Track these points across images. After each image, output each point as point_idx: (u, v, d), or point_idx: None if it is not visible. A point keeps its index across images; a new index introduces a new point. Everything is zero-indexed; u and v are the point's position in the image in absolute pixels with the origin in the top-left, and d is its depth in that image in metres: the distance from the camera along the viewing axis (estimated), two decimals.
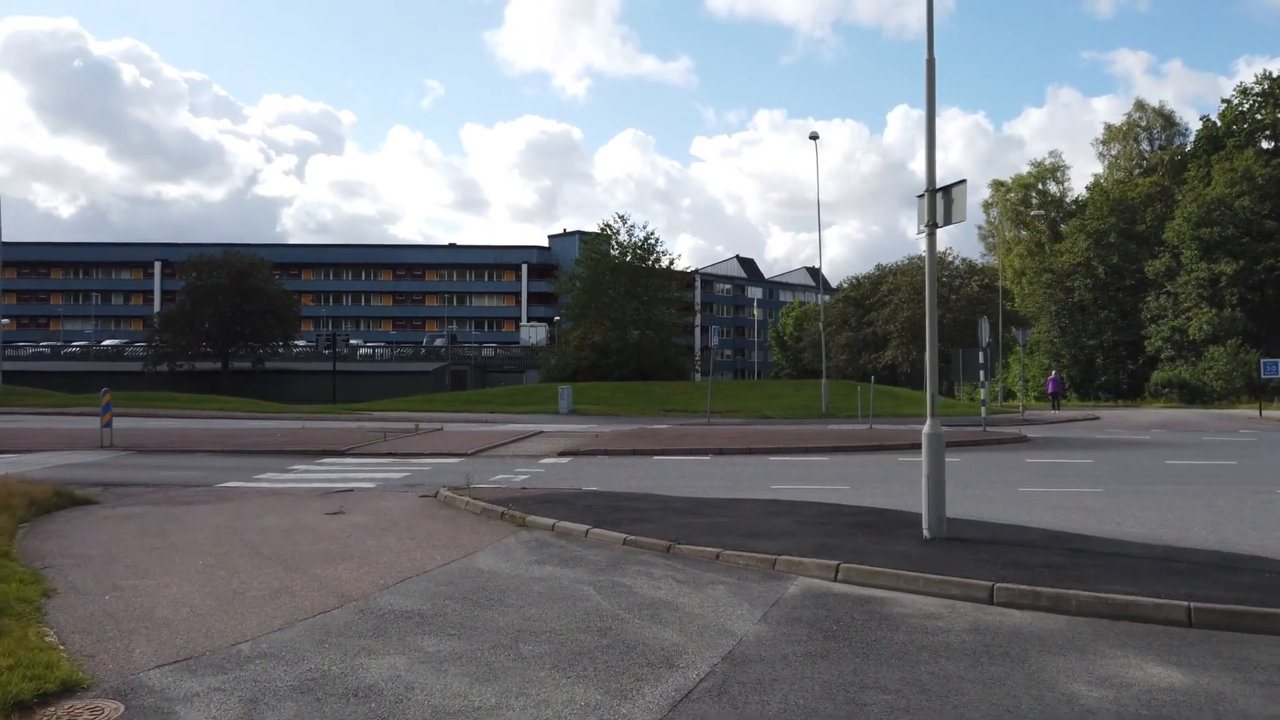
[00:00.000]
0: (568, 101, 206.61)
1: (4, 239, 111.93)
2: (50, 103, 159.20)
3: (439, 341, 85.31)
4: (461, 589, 6.87)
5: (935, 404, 8.31)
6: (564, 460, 17.93)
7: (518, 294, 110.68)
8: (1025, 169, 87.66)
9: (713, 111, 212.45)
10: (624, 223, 48.75)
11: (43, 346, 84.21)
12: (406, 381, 62.99)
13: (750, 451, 18.65)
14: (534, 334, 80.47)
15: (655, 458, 18.09)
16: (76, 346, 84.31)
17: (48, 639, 5.41)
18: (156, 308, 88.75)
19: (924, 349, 33.61)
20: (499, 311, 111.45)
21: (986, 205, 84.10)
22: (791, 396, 37.60)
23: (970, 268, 60.61)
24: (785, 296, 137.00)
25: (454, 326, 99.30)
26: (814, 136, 32.49)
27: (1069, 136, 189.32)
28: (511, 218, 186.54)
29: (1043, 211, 68.52)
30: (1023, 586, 6.31)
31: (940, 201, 8.24)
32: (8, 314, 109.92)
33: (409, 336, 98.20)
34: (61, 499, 11.79)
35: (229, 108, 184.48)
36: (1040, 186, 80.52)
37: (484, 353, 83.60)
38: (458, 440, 21.64)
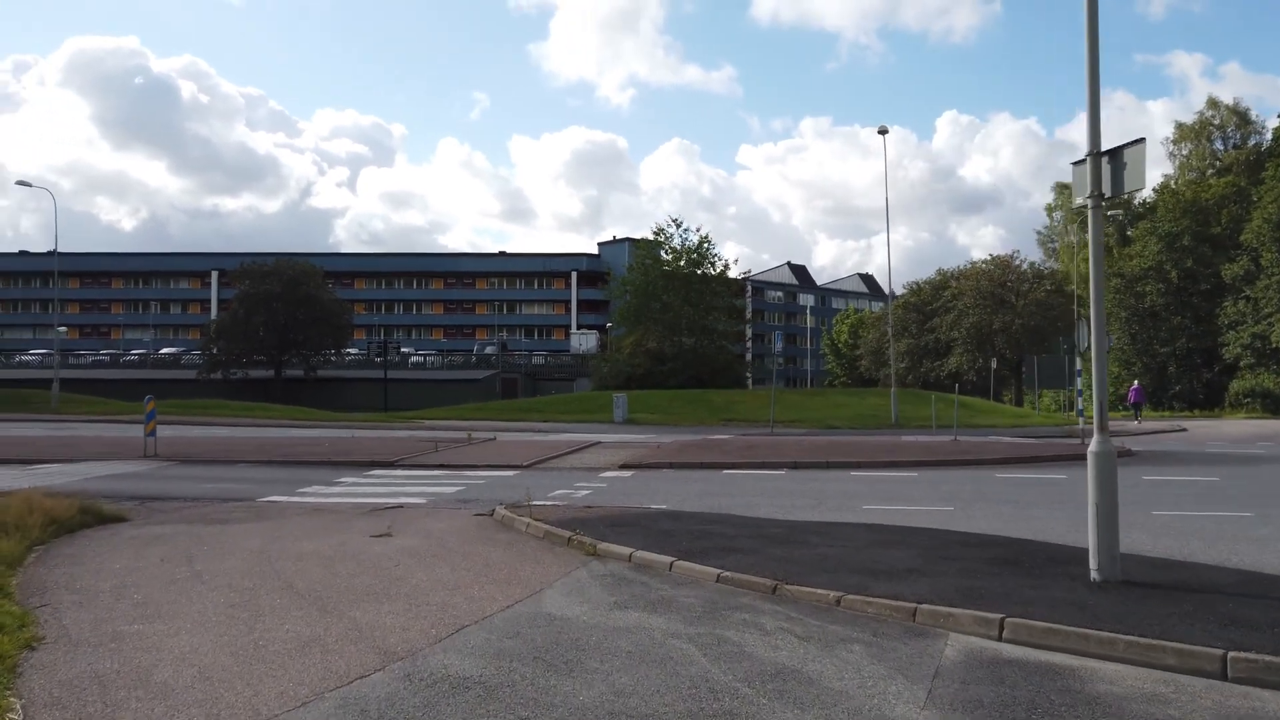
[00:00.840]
0: (611, 112, 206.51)
1: (68, 250, 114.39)
2: (112, 119, 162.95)
3: (489, 349, 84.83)
4: (531, 644, 5.56)
5: (1104, 416, 6.80)
6: (627, 474, 16.62)
7: (567, 301, 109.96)
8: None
9: (757, 120, 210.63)
10: (677, 227, 47.45)
11: (102, 355, 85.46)
12: (457, 389, 62.37)
13: (828, 465, 17.14)
14: (585, 341, 79.50)
15: (725, 472, 16.68)
16: (135, 354, 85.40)
17: (10, 716, 4.21)
18: (213, 316, 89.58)
19: (990, 356, 31.45)
20: (548, 319, 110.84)
21: (1050, 208, 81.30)
22: (856, 405, 35.89)
23: (1037, 272, 58.03)
24: (838, 304, 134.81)
25: (504, 334, 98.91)
26: (883, 131, 30.84)
27: (1124, 140, 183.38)
28: (558, 227, 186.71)
29: (1119, 212, 65.66)
30: (1269, 658, 4.80)
31: (1107, 167, 6.75)
32: (70, 323, 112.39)
33: (459, 345, 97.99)
34: (87, 516, 10.77)
35: (284, 122, 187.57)
36: None
37: (534, 360, 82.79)
38: (512, 451, 20.48)
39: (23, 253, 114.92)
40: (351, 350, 75.55)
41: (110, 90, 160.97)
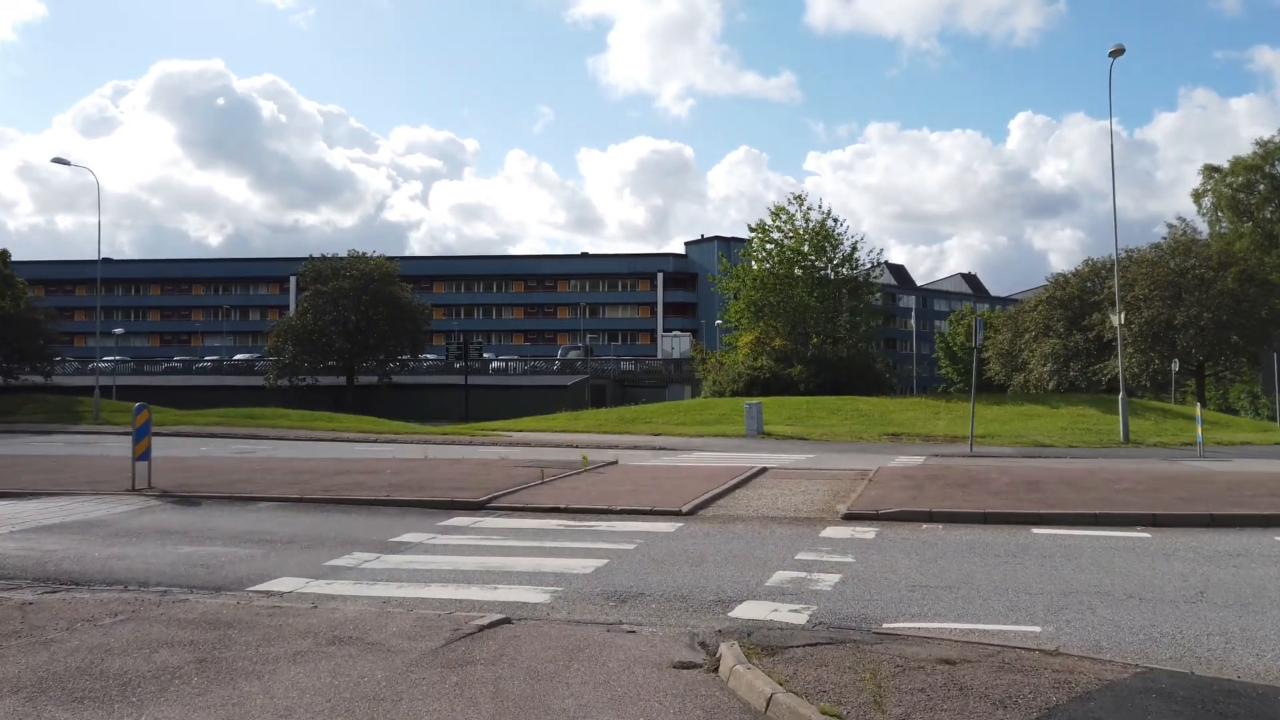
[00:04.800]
0: (671, 122, 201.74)
1: (150, 258, 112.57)
2: (195, 139, 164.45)
3: (572, 354, 78.96)
4: None
5: None
6: (866, 532, 9.97)
7: (653, 304, 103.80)
8: (1246, 150, 74.54)
9: (822, 126, 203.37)
10: (800, 204, 40.41)
11: (175, 362, 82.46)
12: (543, 396, 56.51)
13: (1211, 521, 10.15)
14: (677, 345, 72.97)
15: (1038, 531, 9.90)
16: (208, 361, 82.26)
17: None
18: None
19: (1168, 357, 23.16)
20: (633, 323, 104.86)
21: (1197, 195, 71.63)
22: (1051, 417, 28.49)
23: (1226, 257, 48.98)
24: (940, 305, 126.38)
25: (588, 339, 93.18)
26: (1116, 53, 23.12)
27: (1207, 140, 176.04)
28: (624, 237, 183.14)
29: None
30: None
31: None
32: (152, 330, 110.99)
33: (541, 350, 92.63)
34: None
35: (363, 138, 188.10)
36: (1267, 169, 67.79)
37: (622, 366, 76.59)
38: (649, 482, 14.02)
39: (105, 260, 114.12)
40: (429, 356, 70.51)
41: (193, 111, 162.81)
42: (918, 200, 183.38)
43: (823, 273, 40.00)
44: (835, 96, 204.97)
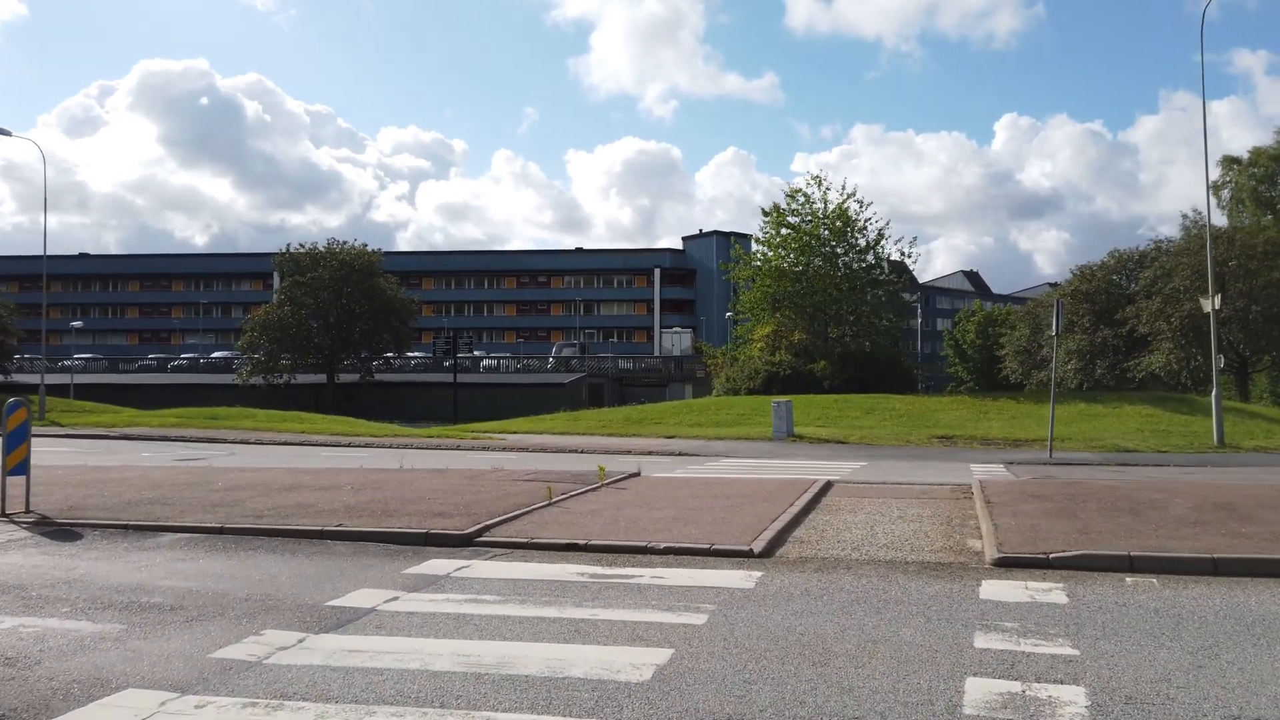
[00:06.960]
0: (655, 124, 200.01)
1: (133, 254, 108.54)
2: (177, 139, 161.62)
3: (566, 351, 75.53)
4: None
5: None
6: (1049, 592, 6.64)
7: (649, 301, 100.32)
8: (1270, 140, 71.60)
9: (807, 128, 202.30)
10: (819, 186, 36.99)
11: (149, 359, 78.70)
12: (537, 396, 53.10)
13: None
14: (678, 341, 69.69)
15: None
16: (184, 359, 78.53)
17: None
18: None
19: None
20: (629, 320, 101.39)
21: (1216, 187, 68.70)
22: (1113, 418, 25.24)
23: (1274, 246, 45.70)
24: (942, 303, 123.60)
25: (583, 337, 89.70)
26: None
27: (1189, 142, 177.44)
28: (611, 237, 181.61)
29: None
30: None
31: None
32: (130, 328, 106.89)
33: (534, 348, 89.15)
34: None
35: (350, 138, 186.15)
36: None
37: (620, 365, 73.18)
38: (690, 503, 10.63)
39: (82, 255, 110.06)
40: (415, 354, 66.92)
41: (175, 111, 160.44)
42: (904, 202, 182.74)
43: (843, 259, 36.69)
44: (818, 98, 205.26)
